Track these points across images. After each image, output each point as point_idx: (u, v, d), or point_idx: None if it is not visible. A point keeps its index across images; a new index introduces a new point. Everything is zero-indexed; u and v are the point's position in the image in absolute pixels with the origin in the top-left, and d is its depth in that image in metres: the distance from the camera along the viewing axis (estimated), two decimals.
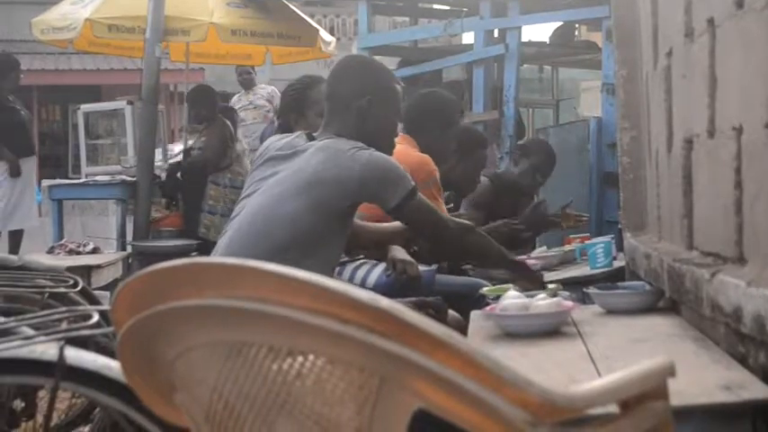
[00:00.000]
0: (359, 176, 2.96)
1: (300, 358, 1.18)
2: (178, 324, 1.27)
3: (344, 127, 3.15)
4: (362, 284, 3.54)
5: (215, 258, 1.22)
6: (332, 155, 2.98)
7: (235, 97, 10.63)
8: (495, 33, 7.87)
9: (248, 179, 3.22)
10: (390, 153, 3.27)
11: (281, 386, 1.20)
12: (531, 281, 3.46)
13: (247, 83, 10.44)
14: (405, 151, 4.21)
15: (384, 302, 1.08)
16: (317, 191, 2.95)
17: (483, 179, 5.01)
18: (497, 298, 2.84)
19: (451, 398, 1.11)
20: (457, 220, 3.40)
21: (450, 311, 3.39)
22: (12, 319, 2.06)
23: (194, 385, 1.31)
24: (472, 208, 5.00)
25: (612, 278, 3.72)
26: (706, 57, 2.32)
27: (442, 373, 1.09)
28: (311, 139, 3.15)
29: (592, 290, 2.98)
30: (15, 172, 8.61)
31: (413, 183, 3.08)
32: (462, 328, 2.96)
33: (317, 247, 2.97)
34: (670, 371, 1.34)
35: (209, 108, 8.61)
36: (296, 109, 4.01)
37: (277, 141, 3.23)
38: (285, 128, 3.98)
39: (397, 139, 4.46)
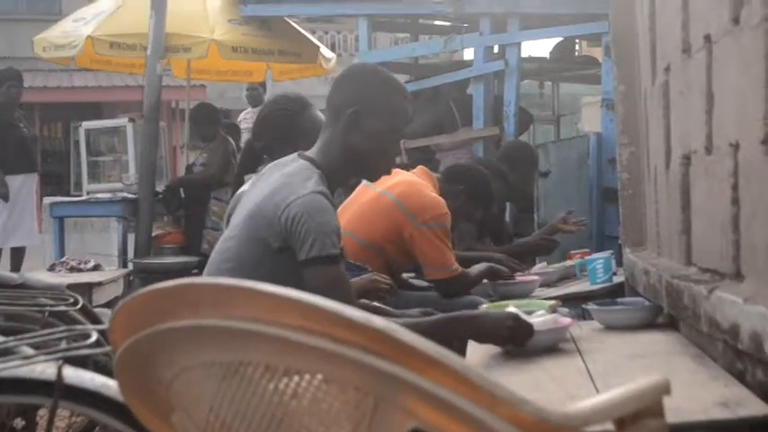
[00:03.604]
0: (284, 216, 2.67)
1: (296, 378, 1.19)
2: (175, 344, 1.28)
3: (331, 139, 2.89)
4: None
5: (210, 279, 1.23)
6: (278, 188, 2.75)
7: (242, 113, 10.68)
8: (496, 49, 7.90)
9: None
10: (379, 175, 3.06)
11: (278, 406, 1.20)
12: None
13: (253, 99, 10.47)
14: (423, 185, 4.22)
15: (377, 322, 1.09)
16: (253, 223, 2.75)
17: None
18: None
19: (446, 417, 1.11)
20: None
21: None
22: (11, 338, 2.07)
23: (191, 405, 1.31)
24: (463, 221, 5.02)
25: (613, 294, 3.72)
26: (703, 73, 2.33)
27: (435, 392, 1.09)
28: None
29: (591, 306, 2.98)
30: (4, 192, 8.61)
31: (335, 251, 2.70)
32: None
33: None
34: (665, 389, 1.34)
35: (212, 126, 8.66)
36: (282, 135, 3.69)
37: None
38: (266, 152, 3.76)
39: (414, 171, 4.47)
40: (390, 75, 3.02)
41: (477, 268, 4.17)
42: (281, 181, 2.77)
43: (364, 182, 4.24)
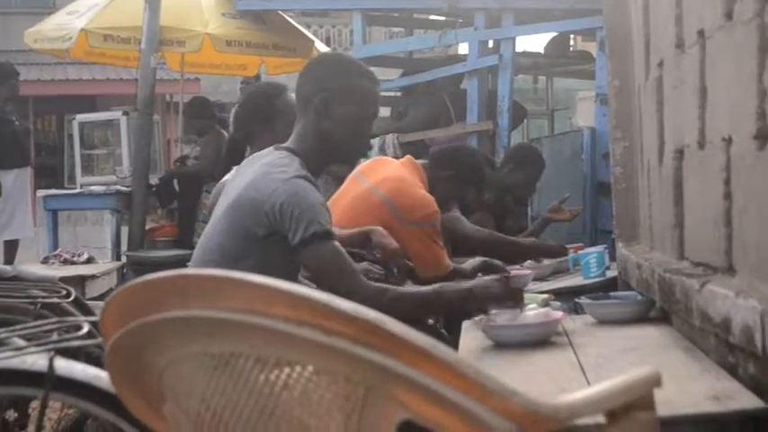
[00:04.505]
0: (270, 204, 2.69)
1: (287, 369, 1.19)
2: (166, 335, 1.28)
3: (305, 128, 2.91)
4: None
5: (200, 270, 1.23)
6: (258, 177, 2.77)
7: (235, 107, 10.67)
8: (490, 44, 7.89)
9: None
10: (356, 158, 3.13)
11: (269, 397, 1.20)
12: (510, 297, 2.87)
13: None
14: (412, 182, 4.19)
15: (368, 313, 1.09)
16: (236, 214, 2.77)
17: None
18: None
19: (436, 408, 1.11)
20: (374, 284, 2.90)
21: None
22: (3, 330, 2.06)
23: (183, 396, 1.31)
24: (479, 212, 5.04)
25: (606, 288, 3.72)
26: (696, 68, 2.33)
27: (426, 384, 1.09)
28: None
29: (583, 300, 2.98)
30: None
31: (326, 227, 2.74)
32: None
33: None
34: (656, 381, 1.34)
35: (206, 120, 8.67)
36: (260, 119, 3.77)
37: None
38: (247, 140, 3.80)
39: (401, 161, 4.46)
40: (356, 60, 3.06)
41: (470, 263, 4.17)
42: (262, 170, 2.80)
43: (354, 174, 4.24)
